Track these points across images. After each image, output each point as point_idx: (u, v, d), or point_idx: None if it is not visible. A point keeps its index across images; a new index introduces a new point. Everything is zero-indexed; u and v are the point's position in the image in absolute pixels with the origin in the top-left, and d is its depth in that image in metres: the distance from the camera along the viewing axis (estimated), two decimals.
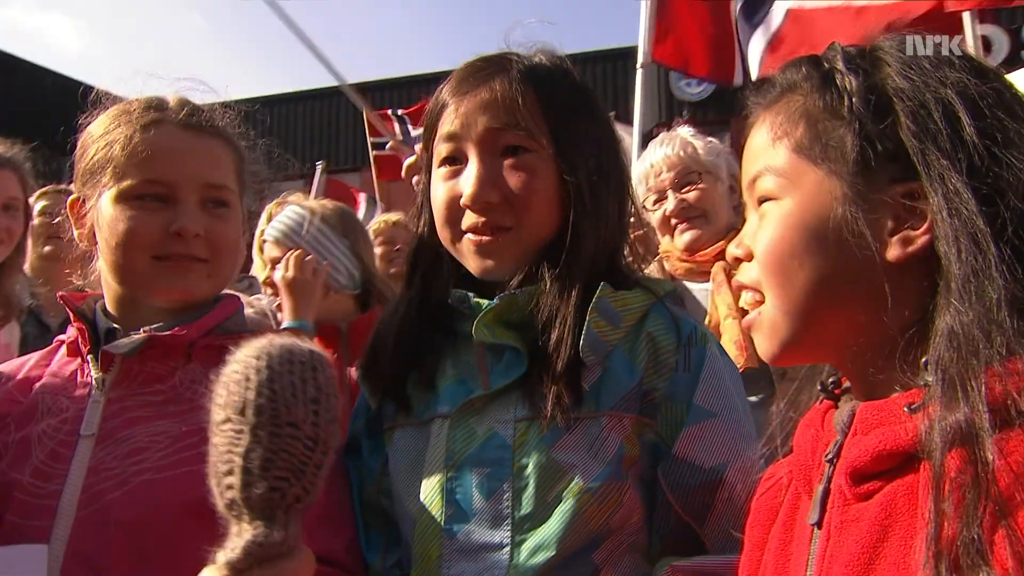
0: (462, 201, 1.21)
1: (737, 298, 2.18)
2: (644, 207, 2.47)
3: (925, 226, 0.77)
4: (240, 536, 0.82)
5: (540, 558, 1.12)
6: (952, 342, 0.71)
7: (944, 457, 0.67)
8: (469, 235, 1.23)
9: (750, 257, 0.89)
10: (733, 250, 0.92)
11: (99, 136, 1.33)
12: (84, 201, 1.36)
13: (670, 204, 2.46)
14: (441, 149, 1.25)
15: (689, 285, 2.41)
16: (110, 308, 1.35)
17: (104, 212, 1.30)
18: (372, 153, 7.67)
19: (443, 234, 1.27)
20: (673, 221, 2.47)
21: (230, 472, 0.82)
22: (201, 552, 1.15)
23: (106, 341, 1.30)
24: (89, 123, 1.36)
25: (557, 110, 1.22)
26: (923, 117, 0.77)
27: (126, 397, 1.27)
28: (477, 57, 1.29)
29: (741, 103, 0.95)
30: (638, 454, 1.16)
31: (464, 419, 1.21)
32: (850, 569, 0.74)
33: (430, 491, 1.20)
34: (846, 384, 0.90)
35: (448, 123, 1.23)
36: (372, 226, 3.76)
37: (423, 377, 1.27)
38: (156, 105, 1.33)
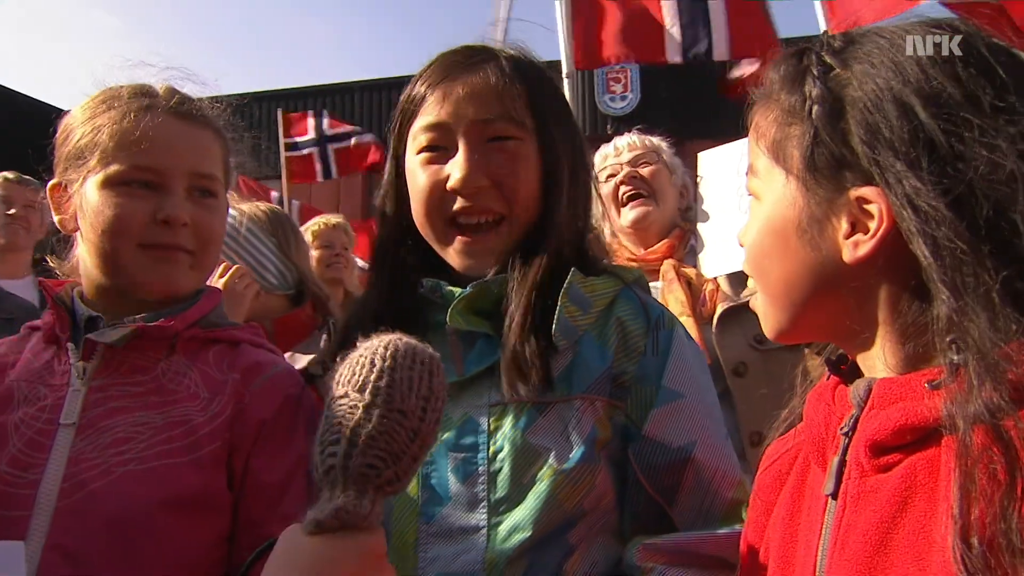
0: (449, 185, 1.23)
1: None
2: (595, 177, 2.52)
3: (874, 229, 0.79)
4: (331, 501, 0.87)
5: (516, 539, 1.13)
6: (952, 328, 0.74)
7: (969, 434, 0.70)
8: (460, 236, 1.25)
9: None
10: (740, 236, 0.96)
11: (84, 120, 1.30)
12: (66, 186, 1.33)
13: (623, 172, 2.49)
14: (422, 139, 1.26)
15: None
16: (89, 296, 1.33)
17: (89, 198, 1.27)
18: (285, 155, 7.54)
19: (425, 221, 1.27)
20: (623, 191, 2.49)
21: (336, 442, 0.87)
22: (182, 544, 1.16)
23: (87, 330, 1.27)
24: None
25: (541, 102, 1.26)
26: (876, 124, 0.79)
27: (108, 387, 1.24)
28: (460, 46, 1.30)
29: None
30: (610, 436, 1.19)
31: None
32: (868, 538, 0.76)
33: None
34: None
35: (432, 112, 1.24)
36: (311, 227, 3.68)
37: None
38: (146, 91, 1.32)
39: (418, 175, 1.26)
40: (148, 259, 1.27)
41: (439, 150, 1.25)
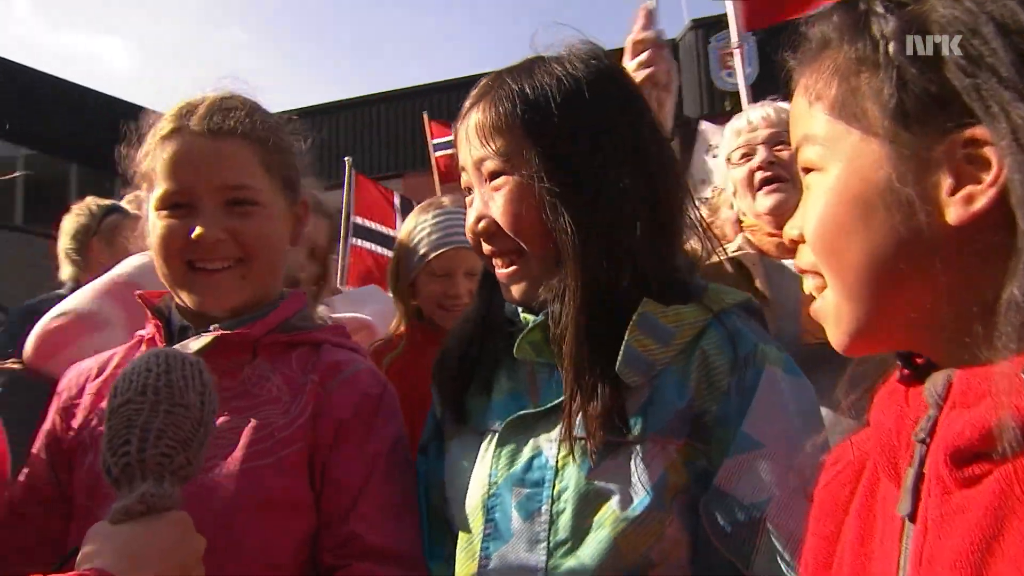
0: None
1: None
2: (728, 160, 2.29)
3: (991, 175, 0.64)
4: (132, 491, 0.98)
5: None
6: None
7: None
8: (498, 268, 1.23)
9: (803, 238, 0.79)
10: (789, 231, 0.81)
11: (143, 147, 1.37)
12: (139, 206, 1.47)
13: (759, 156, 2.22)
14: (463, 179, 1.25)
15: (784, 262, 2.16)
16: (180, 307, 1.39)
17: (149, 219, 1.36)
18: (436, 155, 7.59)
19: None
20: (759, 176, 2.23)
21: (127, 441, 0.99)
22: (268, 546, 1.22)
23: (180, 339, 1.33)
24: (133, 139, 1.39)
25: (540, 127, 1.14)
26: (975, 46, 0.65)
27: None
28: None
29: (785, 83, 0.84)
30: (685, 482, 1.09)
31: (512, 436, 1.19)
32: (960, 571, 0.61)
33: (473, 507, 1.20)
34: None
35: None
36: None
37: (480, 389, 1.27)
38: (178, 114, 1.35)
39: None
40: (194, 278, 1.31)
41: (468, 192, 1.25)
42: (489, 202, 1.19)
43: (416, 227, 2.31)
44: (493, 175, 1.18)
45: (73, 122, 14.28)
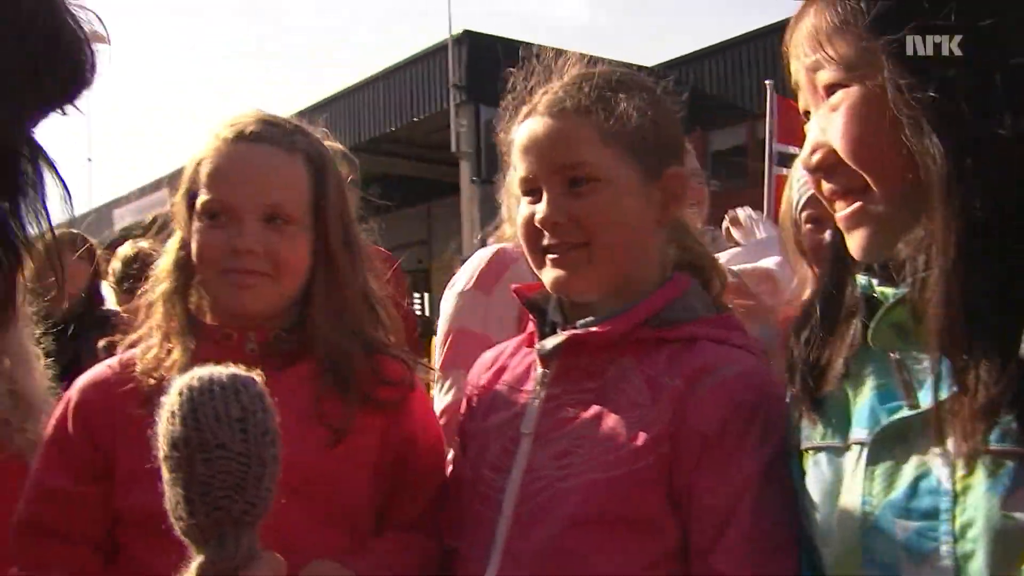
0: None
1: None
2: None
3: None
4: (197, 555, 0.90)
5: None
6: None
7: None
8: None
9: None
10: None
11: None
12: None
13: None
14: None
15: None
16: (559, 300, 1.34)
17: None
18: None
19: None
20: None
21: (178, 504, 0.90)
22: (614, 563, 1.14)
23: (552, 334, 1.28)
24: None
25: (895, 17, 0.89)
26: None
27: (561, 395, 1.25)
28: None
29: None
30: None
31: (886, 449, 0.94)
32: None
33: (845, 543, 0.97)
34: None
35: None
36: None
37: (836, 389, 1.03)
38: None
39: None
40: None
41: None
42: (827, 127, 0.94)
43: None
44: (830, 89, 0.93)
45: None
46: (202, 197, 1.34)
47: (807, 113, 0.99)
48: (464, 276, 2.10)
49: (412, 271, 13.85)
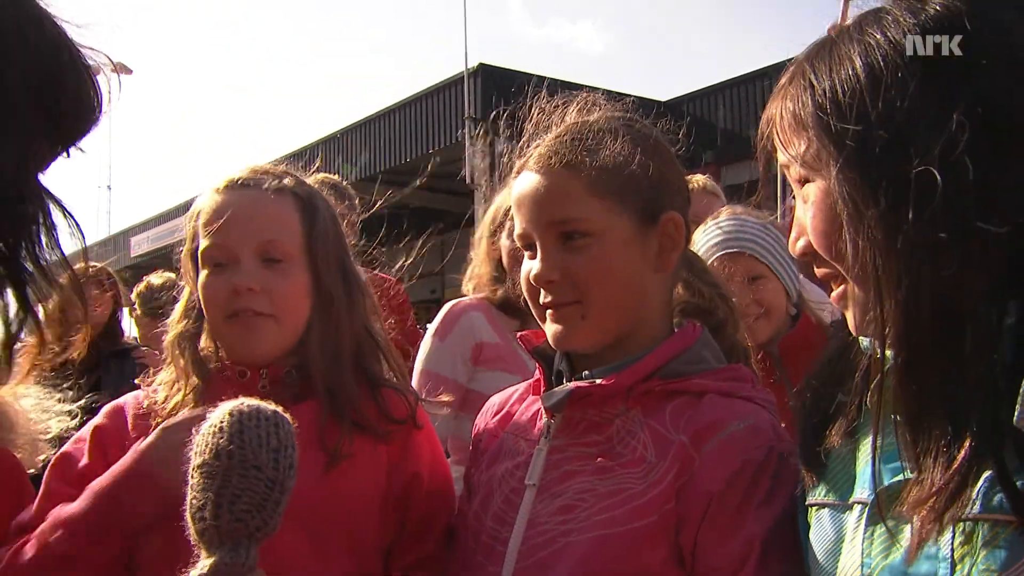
0: None
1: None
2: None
3: None
4: (209, 558, 1.00)
5: None
6: None
7: None
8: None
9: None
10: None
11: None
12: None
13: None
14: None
15: None
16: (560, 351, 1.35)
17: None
18: None
19: None
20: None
21: (203, 507, 1.00)
22: None
23: (558, 383, 1.28)
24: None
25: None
26: None
27: (566, 447, 1.24)
28: None
29: None
30: None
31: (887, 510, 0.91)
32: None
33: None
34: None
35: None
36: None
37: (842, 447, 1.02)
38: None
39: None
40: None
41: None
42: (803, 218, 0.98)
43: None
44: (801, 183, 0.97)
45: None
46: (202, 246, 1.41)
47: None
48: (433, 323, 2.54)
49: (425, 301, 13.88)
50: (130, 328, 4.13)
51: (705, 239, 2.20)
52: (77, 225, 0.95)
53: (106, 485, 1.26)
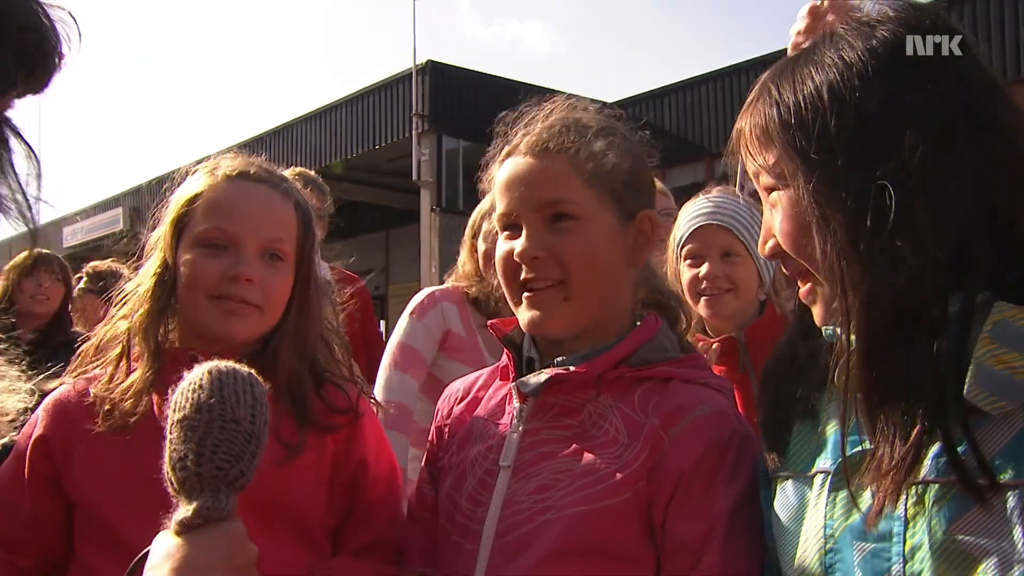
0: None
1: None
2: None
3: None
4: (191, 504, 1.05)
5: None
6: None
7: None
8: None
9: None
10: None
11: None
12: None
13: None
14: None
15: None
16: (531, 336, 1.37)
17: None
18: None
19: None
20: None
21: (185, 457, 1.05)
22: None
23: (528, 370, 1.32)
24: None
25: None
26: None
27: (540, 430, 1.28)
28: None
29: None
30: None
31: (849, 477, 0.98)
32: None
33: (808, 566, 1.04)
34: None
35: None
36: None
37: (806, 420, 1.11)
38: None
39: None
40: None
41: None
42: (771, 222, 1.05)
43: None
44: (769, 190, 1.05)
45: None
46: (200, 227, 1.41)
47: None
48: (411, 304, 2.69)
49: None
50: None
51: (694, 208, 2.26)
52: (37, 161, 0.91)
53: None
